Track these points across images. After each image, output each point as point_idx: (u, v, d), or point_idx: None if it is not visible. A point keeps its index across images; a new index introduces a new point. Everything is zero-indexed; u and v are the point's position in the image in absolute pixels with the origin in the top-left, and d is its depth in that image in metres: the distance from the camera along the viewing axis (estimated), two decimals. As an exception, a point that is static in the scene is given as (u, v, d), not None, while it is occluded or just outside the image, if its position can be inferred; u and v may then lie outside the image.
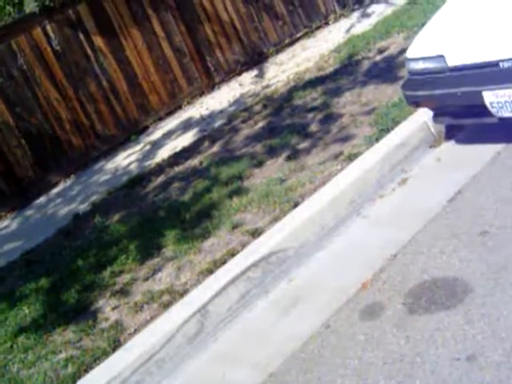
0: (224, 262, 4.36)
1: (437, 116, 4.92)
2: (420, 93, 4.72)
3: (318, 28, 11.02)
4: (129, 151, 8.71)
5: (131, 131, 9.30)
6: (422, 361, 3.04)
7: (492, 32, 4.32)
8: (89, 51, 9.06)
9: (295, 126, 6.45)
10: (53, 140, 8.73)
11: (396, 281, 3.70)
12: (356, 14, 10.89)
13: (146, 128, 9.42)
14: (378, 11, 10.31)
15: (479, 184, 4.31)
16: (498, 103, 4.21)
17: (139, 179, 7.08)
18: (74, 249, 5.82)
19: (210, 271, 4.35)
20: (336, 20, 11.05)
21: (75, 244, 5.95)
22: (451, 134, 5.13)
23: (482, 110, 4.36)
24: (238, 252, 4.41)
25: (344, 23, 10.66)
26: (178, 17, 9.78)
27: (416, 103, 4.93)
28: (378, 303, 3.58)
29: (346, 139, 5.58)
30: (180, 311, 4.03)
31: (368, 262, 3.98)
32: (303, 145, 5.89)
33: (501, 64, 4.16)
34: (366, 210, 4.62)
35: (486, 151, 4.64)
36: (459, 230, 3.90)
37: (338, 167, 5.06)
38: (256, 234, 4.57)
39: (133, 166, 7.91)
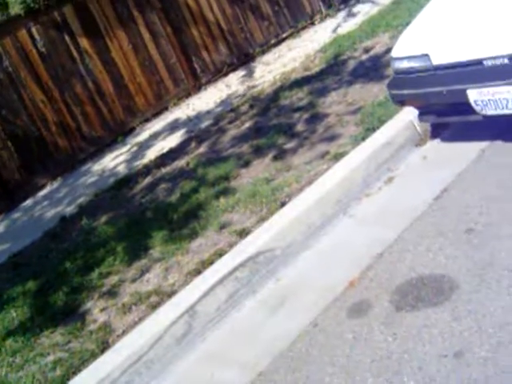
0: (212, 263, 4.37)
1: (422, 114, 4.94)
2: (405, 92, 4.75)
3: (304, 28, 11.04)
4: (116, 153, 8.69)
5: (118, 133, 9.29)
6: (410, 358, 3.06)
7: (475, 30, 4.34)
8: (74, 53, 9.04)
9: (282, 126, 6.46)
10: (39, 142, 8.70)
11: (383, 279, 3.72)
12: (342, 14, 10.93)
13: (132, 129, 9.40)
14: (364, 11, 10.35)
15: (465, 182, 4.34)
16: (482, 101, 4.24)
17: (126, 181, 7.07)
18: (62, 251, 5.80)
19: (198, 272, 4.35)
20: (322, 20, 11.09)
21: (62, 246, 5.93)
22: (437, 132, 5.17)
23: (466, 107, 4.38)
24: (225, 252, 4.42)
25: (330, 23, 10.69)
26: (163, 18, 9.77)
27: (401, 102, 4.96)
28: (365, 301, 3.60)
29: (332, 139, 5.60)
30: (168, 312, 4.03)
31: (355, 260, 4.00)
32: (290, 145, 5.90)
33: (484, 62, 4.19)
34: (353, 209, 4.64)
35: (471, 149, 4.67)
36: (445, 228, 3.92)
37: (325, 167, 5.08)
38: (243, 234, 4.57)
39: (120, 168, 7.89)
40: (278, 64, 9.53)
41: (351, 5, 11.18)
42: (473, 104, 4.31)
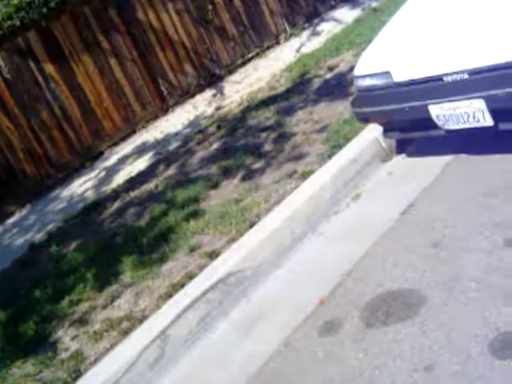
0: (182, 286, 4.35)
1: (386, 131, 5.01)
2: (368, 109, 4.80)
3: (270, 48, 11.12)
4: (84, 178, 8.64)
5: (86, 157, 9.24)
6: (381, 374, 3.08)
7: (435, 47, 4.42)
8: (40, 79, 8.99)
9: (249, 147, 6.49)
10: (6, 170, 8.63)
11: (353, 296, 3.74)
12: (306, 33, 11.04)
13: (100, 154, 9.36)
14: (327, 29, 10.47)
15: (430, 196, 4.41)
16: (443, 116, 4.31)
17: (95, 206, 7.03)
18: (31, 279, 5.73)
19: (169, 295, 4.33)
20: (286, 39, 11.18)
21: (32, 274, 5.87)
22: (402, 147, 5.23)
23: (429, 123, 4.45)
24: (196, 275, 4.40)
25: (294, 42, 10.79)
26: (129, 41, 9.78)
27: (365, 119, 5.02)
28: (335, 319, 3.61)
29: (299, 157, 5.64)
30: (140, 337, 4.00)
31: (325, 278, 4.02)
32: (258, 165, 5.93)
33: (445, 78, 4.26)
34: (322, 227, 4.66)
35: (436, 163, 4.74)
36: (412, 243, 3.97)
37: (293, 185, 5.11)
38: (213, 255, 4.57)
39: (89, 193, 7.85)
40: (245, 84, 9.59)
41: (315, 24, 11.30)
42: (435, 119, 4.37)
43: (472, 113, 4.16)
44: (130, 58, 9.76)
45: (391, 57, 4.68)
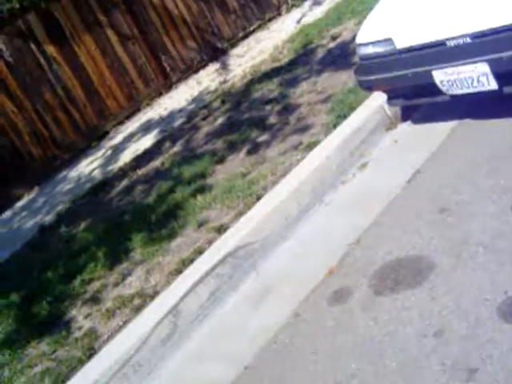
0: (192, 261, 4.37)
1: (391, 98, 4.98)
2: (372, 77, 4.76)
3: (271, 19, 11.05)
4: (91, 158, 8.67)
5: (92, 137, 9.27)
6: (391, 340, 3.09)
7: (437, 12, 4.37)
8: (42, 60, 8.99)
9: (254, 120, 6.47)
10: (13, 153, 8.67)
11: (361, 264, 3.75)
12: (308, 3, 10.94)
13: (106, 133, 9.38)
14: (329, -2, 10.38)
15: (436, 162, 4.39)
16: (448, 81, 4.27)
17: (103, 185, 7.06)
18: (42, 261, 5.78)
19: (179, 271, 4.36)
20: (288, 10, 11.10)
21: (43, 256, 5.91)
22: (407, 114, 5.20)
23: (433, 88, 4.41)
24: (205, 250, 4.42)
25: (296, 13, 10.71)
26: (129, 19, 9.75)
27: (369, 87, 4.98)
28: (345, 288, 3.63)
29: (304, 129, 5.62)
30: (152, 314, 4.04)
31: (333, 248, 4.02)
32: (263, 138, 5.92)
33: (447, 43, 4.22)
34: (329, 197, 4.66)
35: (441, 129, 4.72)
36: (419, 210, 3.96)
37: (299, 157, 5.10)
38: (222, 230, 4.58)
39: (96, 173, 7.88)
40: (248, 57, 9.54)
41: (316, -7, 11.19)
42: (439, 84, 4.34)
43: (476, 77, 4.13)
44: (131, 35, 9.73)
45: (393, 23, 4.63)
